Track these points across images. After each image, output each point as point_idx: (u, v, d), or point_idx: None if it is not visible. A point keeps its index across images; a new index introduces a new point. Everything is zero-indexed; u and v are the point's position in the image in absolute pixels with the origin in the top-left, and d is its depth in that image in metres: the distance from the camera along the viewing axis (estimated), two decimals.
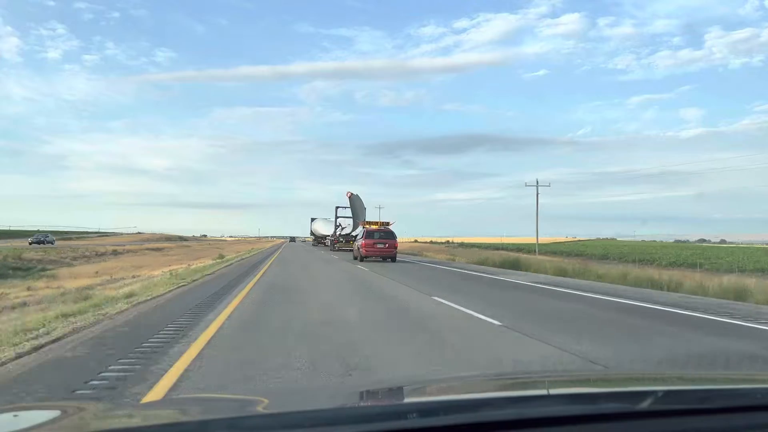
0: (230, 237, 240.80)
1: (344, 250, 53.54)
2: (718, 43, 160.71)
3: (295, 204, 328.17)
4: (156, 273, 26.86)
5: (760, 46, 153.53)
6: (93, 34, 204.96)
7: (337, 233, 55.15)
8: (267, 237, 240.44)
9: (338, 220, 57.11)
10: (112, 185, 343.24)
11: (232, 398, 2.36)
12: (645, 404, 1.57)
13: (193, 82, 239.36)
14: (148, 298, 13.15)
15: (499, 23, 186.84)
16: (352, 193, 48.41)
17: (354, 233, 53.46)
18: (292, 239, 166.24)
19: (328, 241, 63.41)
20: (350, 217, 56.18)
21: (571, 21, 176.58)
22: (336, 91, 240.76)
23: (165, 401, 3.62)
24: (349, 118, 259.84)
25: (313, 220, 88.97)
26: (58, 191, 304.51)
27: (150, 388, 5.28)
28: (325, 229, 77.33)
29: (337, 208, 57.49)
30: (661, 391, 1.70)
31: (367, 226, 34.92)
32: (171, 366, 6.13)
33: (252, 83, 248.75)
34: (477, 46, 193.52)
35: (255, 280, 18.81)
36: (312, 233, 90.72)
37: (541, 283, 19.13)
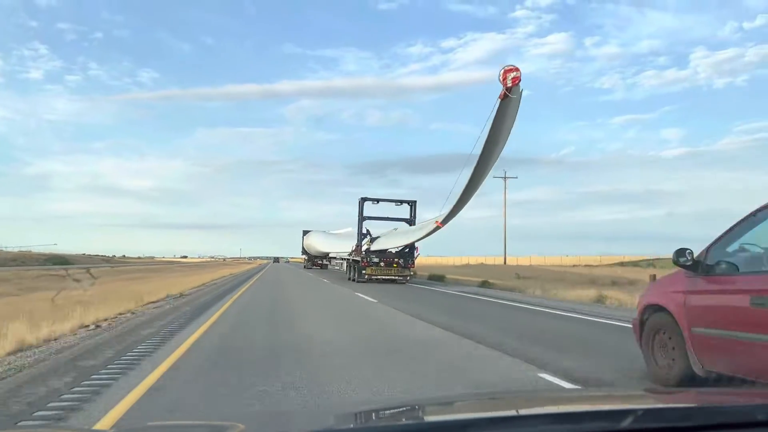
0: (210, 258, 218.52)
1: (385, 281, 28.07)
2: (702, 63, 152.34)
3: (280, 224, 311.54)
4: None
5: (744, 66, 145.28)
6: (76, 54, 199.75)
7: (364, 248, 29.20)
8: (245, 258, 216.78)
9: (364, 224, 31.00)
10: (95, 206, 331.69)
11: (206, 424, 2.32)
12: (626, 423, 1.60)
13: (179, 101, 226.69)
14: None
15: (486, 43, 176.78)
16: (513, 78, 17.24)
17: (413, 238, 27.56)
18: (276, 260, 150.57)
19: (341, 264, 37.18)
20: (402, 220, 30.16)
21: (558, 41, 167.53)
22: (322, 110, 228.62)
23: (137, 428, 3.14)
24: (335, 137, 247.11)
25: (306, 233, 62.59)
26: (40, 213, 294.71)
27: None
28: (328, 243, 51.20)
29: (362, 201, 31.16)
30: (641, 409, 1.77)
31: None
32: None
33: (238, 102, 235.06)
34: (464, 65, 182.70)
35: None
36: (304, 251, 64.52)
37: None
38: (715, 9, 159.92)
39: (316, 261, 61.82)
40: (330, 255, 55.08)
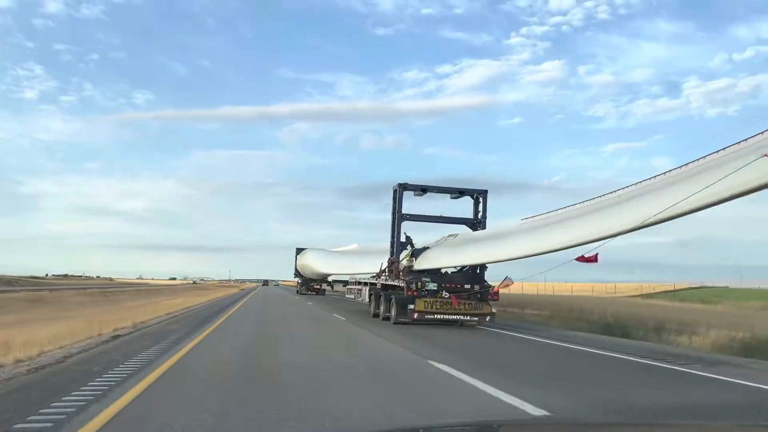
0: (201, 280, 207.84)
1: (443, 322, 16.39)
2: (694, 92, 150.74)
3: (272, 246, 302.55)
4: None
5: (735, 96, 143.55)
6: (71, 75, 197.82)
7: (402, 264, 17.47)
8: (232, 281, 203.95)
9: (402, 228, 19.52)
10: (87, 227, 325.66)
11: None
12: None
13: (174, 122, 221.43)
14: None
15: (481, 69, 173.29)
16: None
17: (504, 254, 15.14)
18: (265, 283, 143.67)
19: (357, 291, 24.57)
20: (462, 222, 18.33)
21: (552, 68, 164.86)
22: (317, 133, 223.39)
23: None
24: (329, 161, 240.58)
25: (300, 251, 51.48)
26: (31, 233, 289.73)
27: None
28: (329, 263, 39.91)
29: (400, 189, 19.06)
30: None
31: None
32: None
33: (233, 124, 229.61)
34: (459, 91, 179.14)
35: None
36: (297, 273, 53.38)
37: None
38: (706, 41, 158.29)
39: (312, 285, 51.25)
40: (331, 277, 44.20)
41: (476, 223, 18.85)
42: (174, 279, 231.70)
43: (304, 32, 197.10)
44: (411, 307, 15.89)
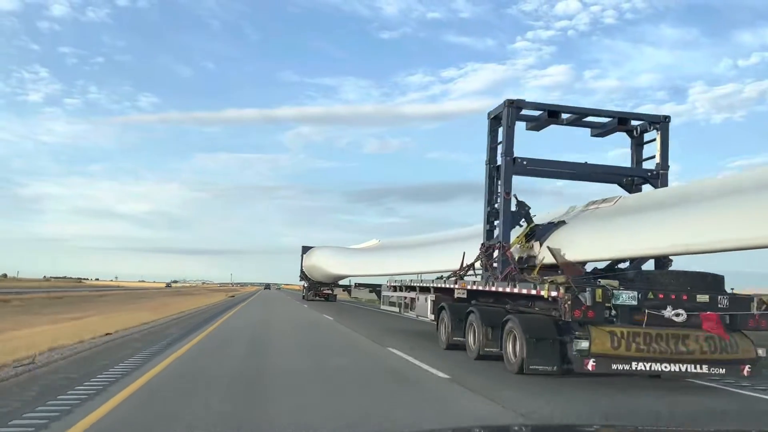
0: (204, 283, 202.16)
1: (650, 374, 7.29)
2: (700, 98, 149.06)
3: (276, 250, 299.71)
4: None
5: (742, 101, 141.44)
6: (76, 78, 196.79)
7: (514, 250, 9.71)
8: (231, 284, 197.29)
9: (513, 185, 11.10)
10: (90, 230, 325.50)
11: None
12: None
13: (178, 125, 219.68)
14: None
15: (487, 73, 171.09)
16: None
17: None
18: (267, 287, 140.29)
19: (402, 301, 16.04)
20: (615, 176, 10.43)
21: (558, 72, 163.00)
22: (321, 137, 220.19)
23: None
24: (333, 164, 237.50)
25: (307, 250, 43.19)
26: (34, 235, 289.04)
27: None
28: (344, 263, 31.66)
29: (510, 107, 9.52)
30: None
31: None
32: None
33: (237, 127, 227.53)
34: (464, 95, 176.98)
35: None
36: (303, 275, 44.85)
37: None
38: (711, 47, 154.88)
39: (321, 290, 43.33)
40: (353, 280, 36.13)
41: (648, 177, 10.23)
42: (176, 282, 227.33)
43: (308, 36, 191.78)
44: (583, 345, 6.98)
